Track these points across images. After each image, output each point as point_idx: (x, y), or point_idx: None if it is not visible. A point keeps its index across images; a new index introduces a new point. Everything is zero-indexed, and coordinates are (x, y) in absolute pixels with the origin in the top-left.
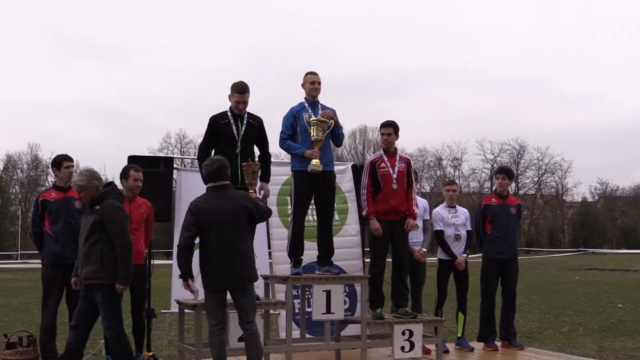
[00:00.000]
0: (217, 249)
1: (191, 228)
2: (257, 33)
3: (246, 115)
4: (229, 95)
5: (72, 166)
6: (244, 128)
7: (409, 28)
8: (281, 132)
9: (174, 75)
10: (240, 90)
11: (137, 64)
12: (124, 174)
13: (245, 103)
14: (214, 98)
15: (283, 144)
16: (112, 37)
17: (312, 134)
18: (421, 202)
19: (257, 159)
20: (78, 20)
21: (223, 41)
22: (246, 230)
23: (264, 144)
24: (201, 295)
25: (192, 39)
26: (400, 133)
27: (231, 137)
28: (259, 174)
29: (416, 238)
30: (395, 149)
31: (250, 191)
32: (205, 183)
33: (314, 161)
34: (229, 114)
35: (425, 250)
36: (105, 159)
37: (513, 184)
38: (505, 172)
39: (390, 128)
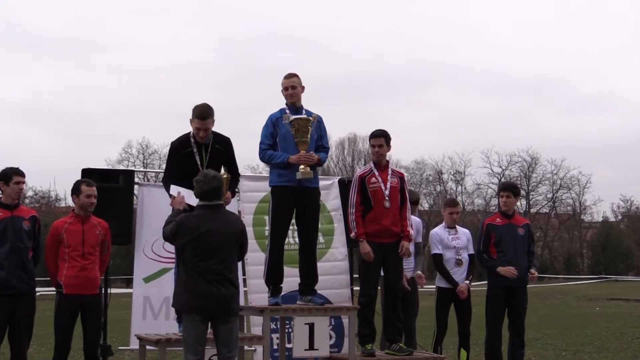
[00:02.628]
0: (205, 272)
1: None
2: (230, 26)
3: (211, 140)
4: (190, 119)
5: (23, 182)
6: (208, 157)
7: (405, 22)
8: (260, 143)
9: (134, 74)
10: (201, 115)
11: (92, 61)
12: (75, 190)
13: (207, 130)
14: (181, 101)
15: (263, 155)
16: (61, 30)
17: (295, 136)
18: (414, 221)
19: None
20: (22, 8)
21: (191, 35)
22: (236, 257)
23: (232, 167)
24: (172, 329)
25: (155, 33)
26: (394, 143)
27: (195, 169)
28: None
29: (407, 264)
30: (387, 161)
31: None
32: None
33: (302, 167)
34: (192, 140)
35: (420, 273)
36: (56, 171)
37: (524, 202)
38: (510, 189)
39: (381, 139)
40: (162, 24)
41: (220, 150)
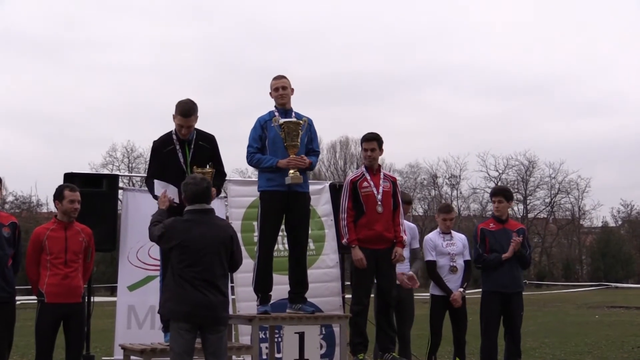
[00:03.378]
0: (194, 279)
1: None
2: (216, 24)
3: (194, 137)
4: (173, 115)
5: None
6: (191, 154)
7: (398, 22)
8: (248, 146)
9: (117, 74)
10: (184, 112)
11: (73, 61)
12: (58, 195)
13: (190, 128)
14: (167, 103)
15: (252, 158)
16: (40, 29)
17: (284, 139)
18: (408, 227)
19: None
20: None
21: (174, 34)
22: (226, 264)
23: (217, 163)
24: (157, 338)
25: (138, 33)
26: (387, 146)
27: (178, 167)
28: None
29: (400, 271)
30: (380, 165)
31: None
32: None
33: (292, 171)
34: (174, 137)
35: (413, 273)
36: (37, 176)
37: (521, 206)
38: (501, 194)
39: (373, 142)
40: (145, 23)
41: (205, 147)
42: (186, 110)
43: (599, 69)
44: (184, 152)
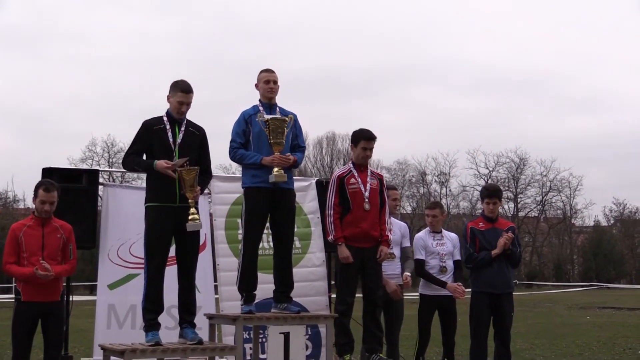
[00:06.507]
0: None
1: None
2: (196, 16)
3: (185, 122)
4: (168, 96)
5: None
6: (181, 135)
7: (386, 16)
8: (231, 141)
9: (96, 68)
10: (185, 88)
11: (50, 54)
12: (34, 192)
13: (189, 105)
14: (148, 97)
15: (234, 154)
16: (16, 20)
17: (269, 136)
18: (399, 226)
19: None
20: None
21: (153, 27)
22: None
23: (204, 158)
24: (138, 338)
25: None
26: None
27: (166, 145)
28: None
29: (391, 270)
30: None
31: (189, 200)
32: None
33: (276, 170)
34: (165, 118)
35: (408, 277)
36: (14, 171)
37: (511, 205)
38: (496, 196)
39: (374, 142)
40: (123, 16)
41: (195, 134)
42: (187, 86)
43: (592, 65)
44: (174, 132)
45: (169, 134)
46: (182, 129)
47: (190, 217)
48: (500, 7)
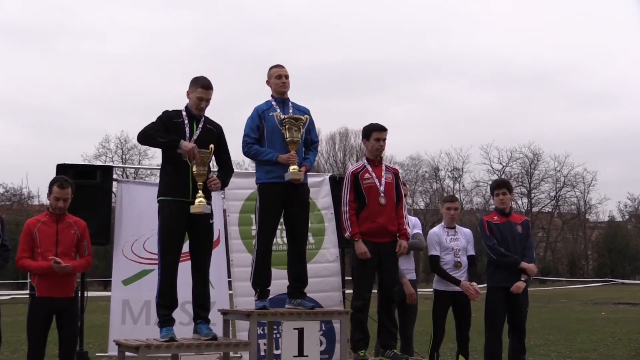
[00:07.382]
0: None
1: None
2: (209, 11)
3: (203, 118)
4: (188, 92)
5: None
6: (198, 132)
7: (400, 12)
8: (244, 136)
9: (109, 64)
10: (205, 85)
11: (63, 50)
12: (49, 189)
13: (208, 101)
14: (161, 92)
15: (249, 150)
16: (30, 17)
17: (285, 135)
18: (410, 221)
19: (215, 173)
20: None
21: (166, 22)
22: None
23: (224, 154)
24: (153, 334)
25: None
26: (388, 137)
27: (183, 139)
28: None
29: (404, 265)
30: (381, 157)
31: (198, 184)
32: None
33: (292, 168)
34: (184, 113)
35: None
36: (28, 167)
37: (525, 200)
38: (504, 186)
39: (386, 133)
40: (136, 10)
41: (212, 131)
42: (207, 82)
43: (607, 59)
44: (192, 127)
45: (187, 129)
46: (200, 125)
47: (197, 200)
48: (515, 1)
